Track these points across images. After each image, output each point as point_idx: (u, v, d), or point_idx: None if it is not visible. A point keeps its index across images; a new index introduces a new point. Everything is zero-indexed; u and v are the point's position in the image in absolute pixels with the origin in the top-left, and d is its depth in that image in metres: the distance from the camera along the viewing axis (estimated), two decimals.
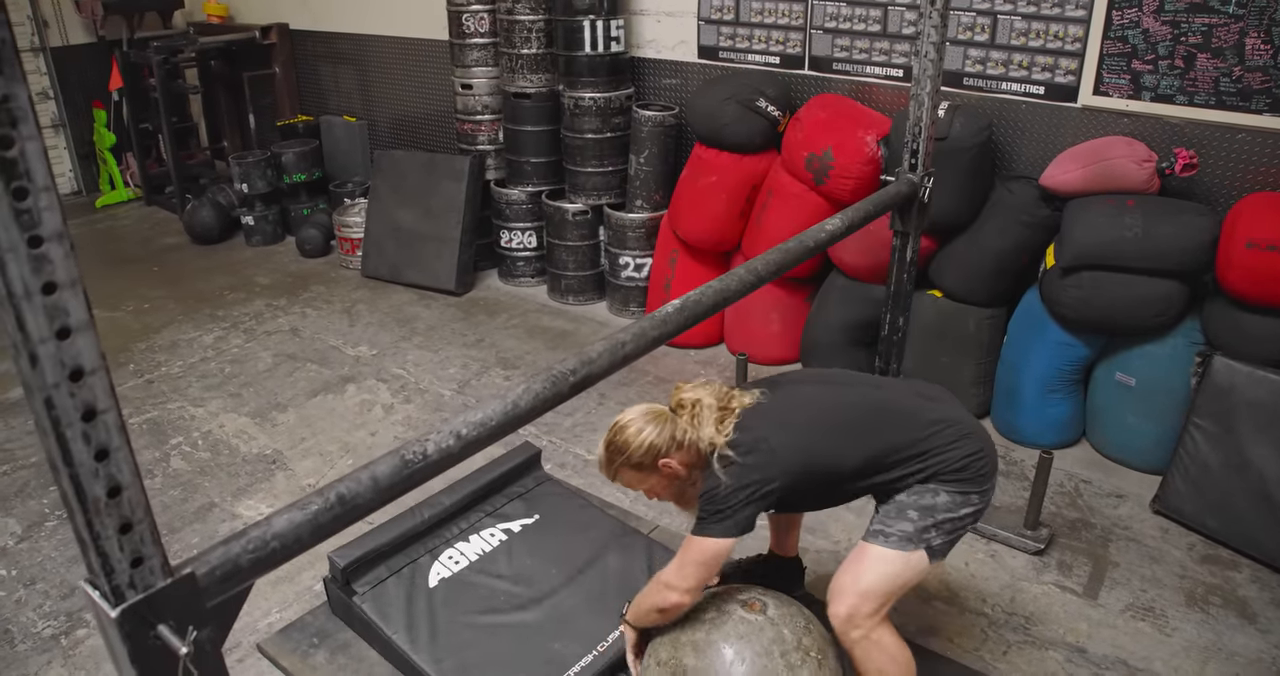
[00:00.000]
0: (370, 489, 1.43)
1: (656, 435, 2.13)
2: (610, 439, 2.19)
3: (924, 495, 2.17)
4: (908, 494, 2.18)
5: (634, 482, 2.23)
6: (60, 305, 1.01)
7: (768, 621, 2.19)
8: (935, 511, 2.16)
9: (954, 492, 2.16)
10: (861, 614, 2.13)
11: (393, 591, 2.79)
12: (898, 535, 2.16)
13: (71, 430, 1.06)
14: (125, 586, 1.16)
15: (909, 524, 2.16)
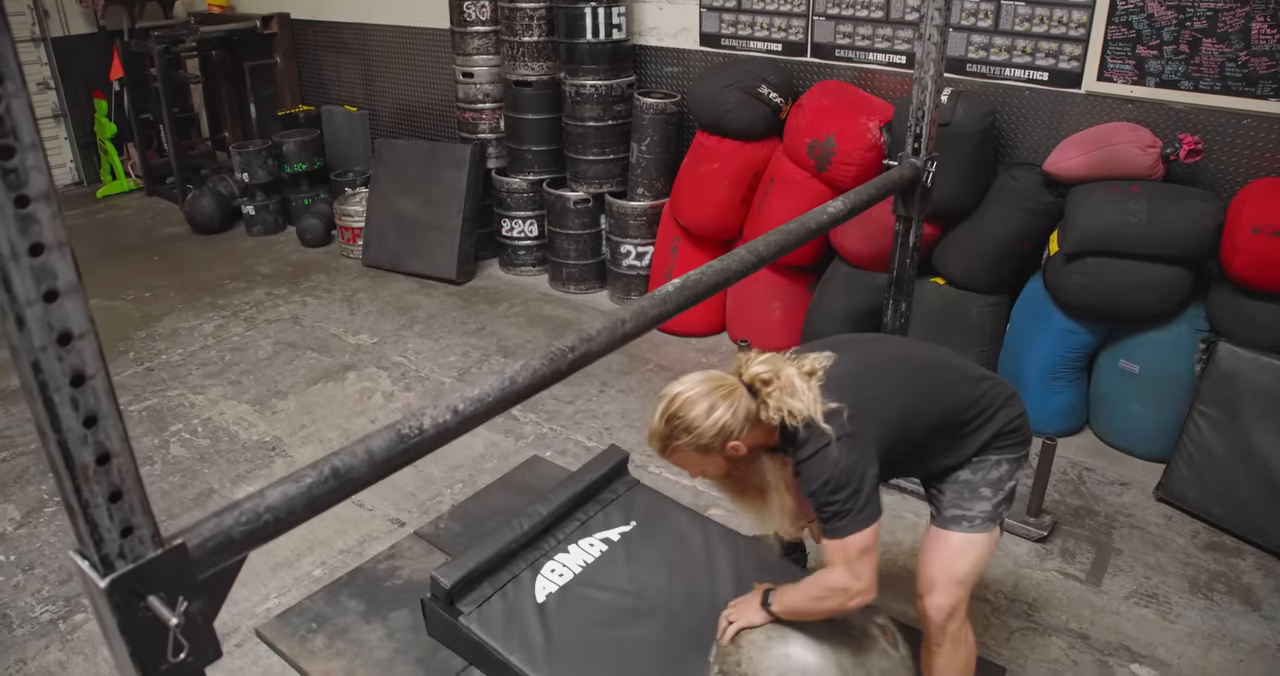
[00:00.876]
0: (365, 463, 1.41)
1: (730, 415, 1.91)
2: (673, 414, 1.94)
3: (989, 469, 2.11)
4: (972, 470, 2.12)
5: (690, 464, 2.02)
6: (48, 267, 0.99)
7: (902, 660, 2.12)
8: (1003, 484, 2.12)
9: (1010, 459, 2.13)
10: (961, 603, 2.14)
11: (499, 609, 2.67)
12: (980, 516, 2.12)
13: (59, 395, 1.04)
14: (115, 556, 1.14)
15: (986, 502, 2.12)
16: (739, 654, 2.08)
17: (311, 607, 2.93)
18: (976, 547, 2.13)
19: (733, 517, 3.32)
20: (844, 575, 1.94)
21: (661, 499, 3.18)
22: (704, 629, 2.60)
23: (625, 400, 4.10)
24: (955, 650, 2.17)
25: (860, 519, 1.90)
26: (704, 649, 2.55)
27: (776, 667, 2.02)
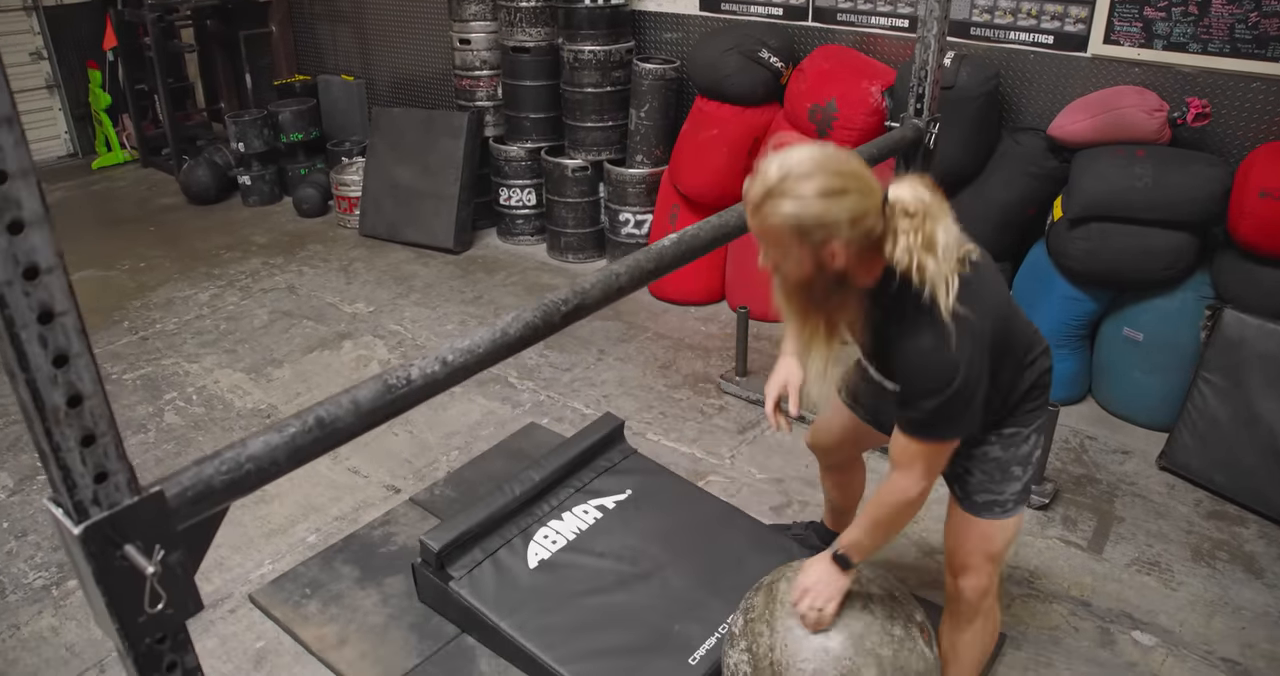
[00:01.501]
0: (351, 413, 1.37)
1: (849, 212, 1.57)
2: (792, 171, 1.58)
3: (1019, 444, 1.98)
4: (1003, 447, 1.96)
5: (772, 241, 1.65)
6: (12, 196, 0.95)
7: (936, 663, 2.07)
8: (1031, 457, 2.01)
9: (1036, 429, 1.99)
10: (995, 580, 2.10)
11: (490, 575, 2.65)
12: (1013, 499, 2.01)
13: (27, 332, 0.99)
14: (89, 502, 1.11)
15: (1017, 482, 2.00)
16: (773, 638, 1.99)
17: (306, 573, 2.91)
18: (1009, 528, 2.05)
19: (730, 485, 3.29)
20: (919, 481, 1.78)
21: (657, 467, 3.15)
22: (698, 597, 2.59)
23: (623, 368, 4.06)
24: (985, 624, 2.14)
25: (960, 428, 1.75)
26: (698, 618, 2.53)
27: (814, 660, 1.92)
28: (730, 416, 3.71)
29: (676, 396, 3.85)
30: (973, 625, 2.13)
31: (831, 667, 1.90)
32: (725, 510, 2.98)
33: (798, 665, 1.92)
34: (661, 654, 2.44)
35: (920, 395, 1.70)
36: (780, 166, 1.59)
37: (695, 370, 4.04)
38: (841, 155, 1.61)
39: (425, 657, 2.58)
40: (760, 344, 4.18)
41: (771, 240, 1.65)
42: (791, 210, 1.56)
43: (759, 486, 3.29)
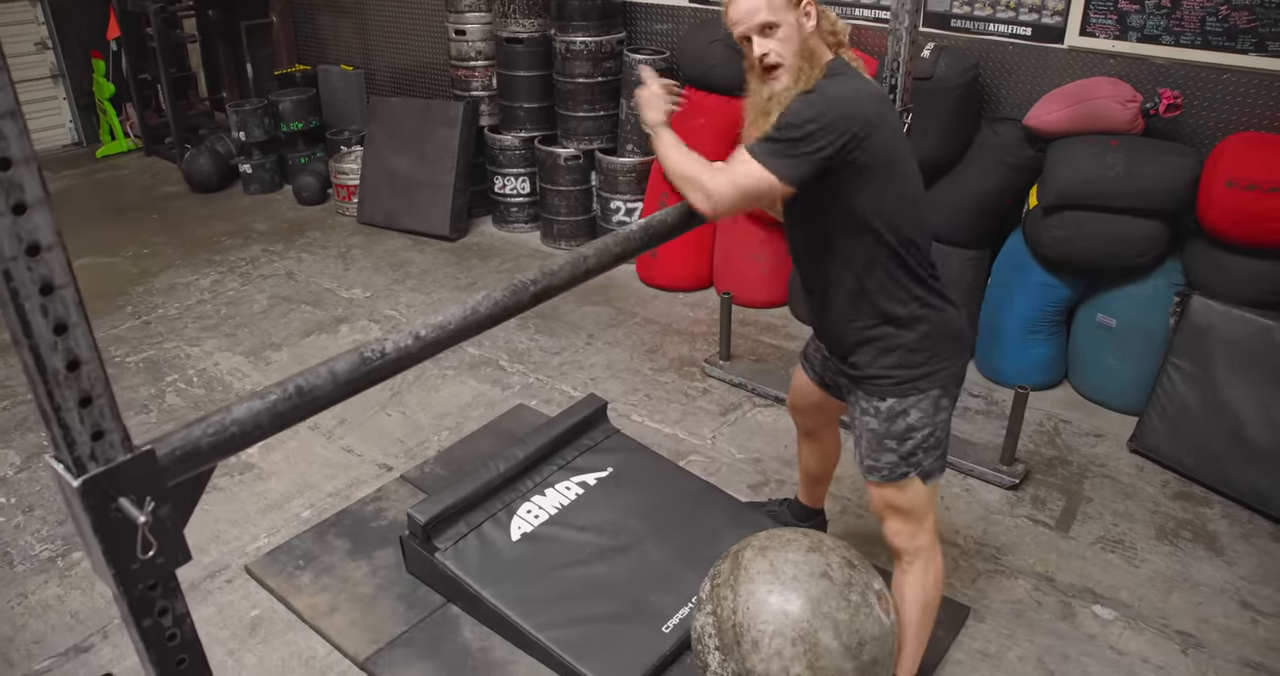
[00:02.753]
0: (329, 382, 1.48)
1: None
2: None
3: (893, 421, 2.10)
4: (878, 421, 2.11)
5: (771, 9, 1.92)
6: (15, 181, 1.05)
7: (891, 629, 2.16)
8: (909, 435, 2.11)
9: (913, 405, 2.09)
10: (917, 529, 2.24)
11: (475, 547, 2.77)
12: (888, 467, 2.15)
13: (30, 303, 1.10)
14: (86, 458, 1.22)
15: (893, 454, 2.14)
16: (735, 601, 2.10)
17: (299, 546, 3.03)
18: (904, 491, 2.18)
19: (710, 464, 3.40)
20: (723, 181, 1.91)
21: (638, 446, 3.26)
22: (674, 569, 2.70)
23: (611, 352, 4.17)
24: (925, 572, 2.25)
25: (777, 161, 1.85)
26: (672, 589, 2.65)
27: (773, 622, 2.03)
28: (713, 399, 3.81)
29: (662, 379, 3.96)
30: (910, 569, 2.26)
31: (790, 629, 2.01)
32: (703, 487, 3.09)
33: (758, 626, 2.03)
34: (637, 622, 2.56)
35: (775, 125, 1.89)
36: None
37: (681, 354, 4.15)
38: None
39: (412, 625, 2.69)
40: (744, 329, 4.28)
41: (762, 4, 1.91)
42: None
43: (738, 465, 3.39)
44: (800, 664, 1.99)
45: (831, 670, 2.01)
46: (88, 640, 2.71)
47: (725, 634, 2.07)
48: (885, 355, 2.09)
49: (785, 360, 4.08)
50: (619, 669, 2.44)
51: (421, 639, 2.65)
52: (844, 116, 1.84)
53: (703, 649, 2.14)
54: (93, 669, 2.61)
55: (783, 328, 4.38)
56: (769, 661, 2.00)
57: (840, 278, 2.06)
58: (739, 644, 2.04)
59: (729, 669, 2.06)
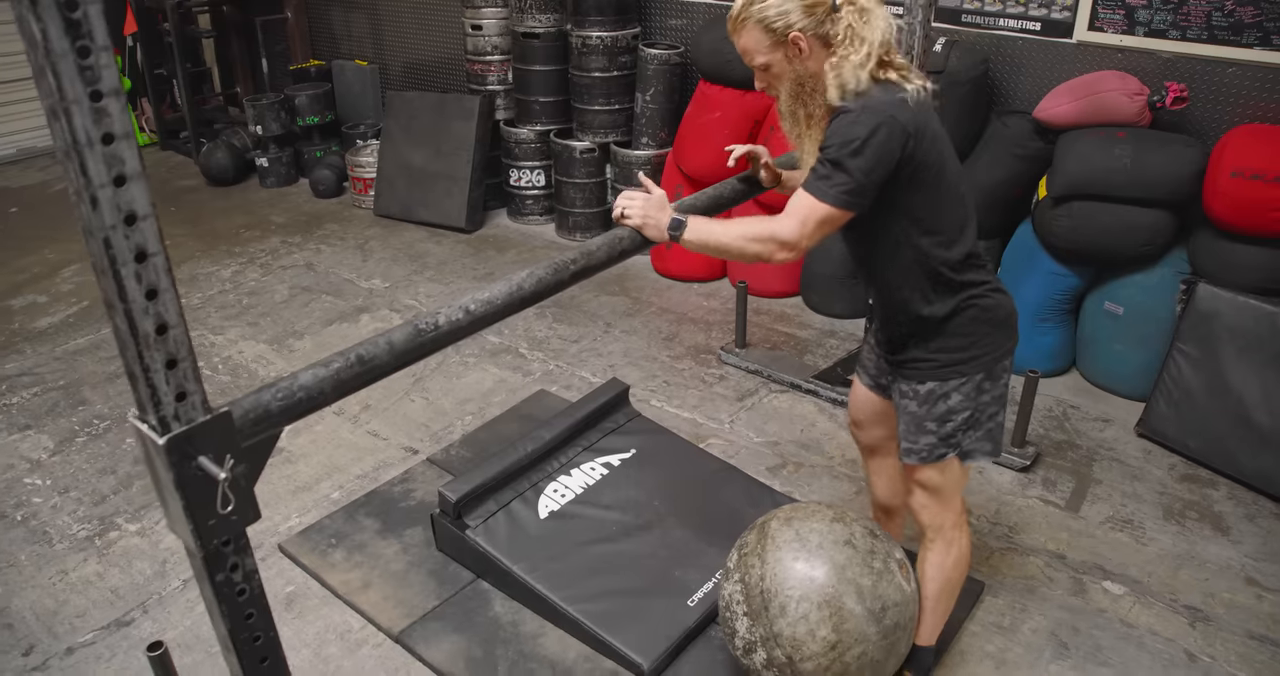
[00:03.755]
0: (387, 352, 1.57)
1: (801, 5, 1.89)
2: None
3: (934, 404, 2.14)
4: (918, 404, 2.15)
5: (753, 45, 1.96)
6: (117, 154, 1.14)
7: (911, 596, 2.23)
8: (950, 417, 2.14)
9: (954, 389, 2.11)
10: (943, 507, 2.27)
11: (504, 524, 2.86)
12: (926, 449, 2.18)
13: (126, 269, 1.19)
14: (171, 418, 1.30)
15: (932, 436, 2.16)
16: (763, 568, 2.16)
17: (331, 525, 3.11)
18: (941, 472, 2.22)
19: (729, 448, 3.49)
20: (793, 228, 1.90)
21: (660, 429, 3.35)
22: (696, 545, 2.80)
23: (628, 340, 4.26)
24: (948, 550, 2.30)
25: (845, 194, 1.86)
26: (695, 564, 2.73)
27: (800, 587, 2.10)
28: (730, 385, 3.90)
29: (679, 366, 4.04)
30: (932, 547, 2.31)
31: (816, 594, 2.10)
32: (723, 468, 3.18)
33: (786, 591, 2.11)
34: (662, 596, 2.65)
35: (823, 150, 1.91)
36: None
37: (697, 342, 4.24)
38: None
39: (443, 600, 2.78)
40: (758, 318, 4.37)
41: (752, 49, 1.97)
42: (756, 10, 1.92)
43: (756, 449, 3.48)
44: (826, 627, 2.07)
45: (856, 633, 2.09)
46: (128, 615, 2.79)
47: (753, 599, 2.15)
48: (929, 340, 2.11)
49: (799, 348, 4.16)
50: (647, 640, 2.53)
51: (453, 613, 2.73)
52: (887, 136, 1.85)
53: (731, 615, 2.22)
54: (134, 642, 2.70)
55: (796, 317, 4.47)
56: (795, 625, 2.09)
57: (892, 273, 2.08)
58: (767, 609, 2.12)
59: (757, 633, 2.14)
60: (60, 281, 4.97)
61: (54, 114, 1.09)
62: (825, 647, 2.09)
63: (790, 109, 2.04)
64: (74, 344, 4.33)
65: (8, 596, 2.87)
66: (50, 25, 1.03)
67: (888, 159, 1.86)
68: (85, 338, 4.39)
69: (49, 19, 1.02)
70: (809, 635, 2.08)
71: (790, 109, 2.04)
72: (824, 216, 1.89)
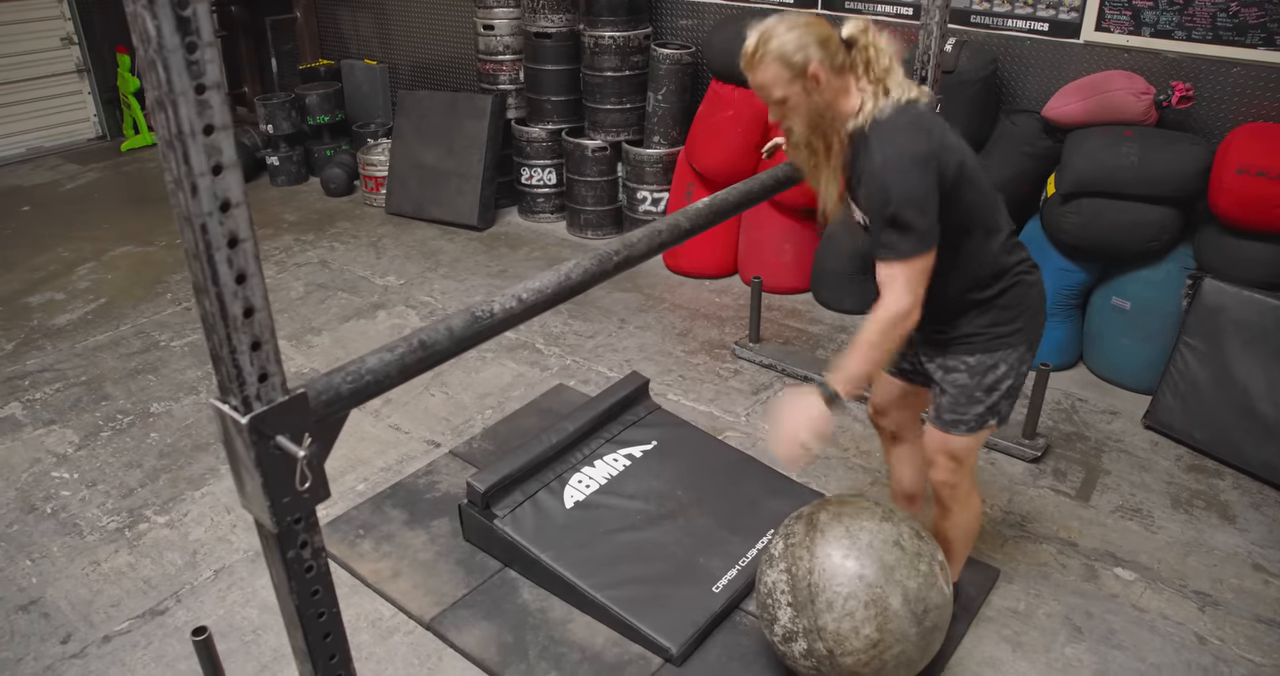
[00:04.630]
0: (447, 338, 1.63)
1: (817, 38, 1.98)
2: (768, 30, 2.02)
3: (984, 375, 2.24)
4: (969, 376, 2.25)
5: (771, 81, 2.01)
6: (216, 145, 1.20)
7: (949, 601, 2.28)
8: (998, 386, 2.26)
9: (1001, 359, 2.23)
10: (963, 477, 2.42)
11: (530, 514, 2.93)
12: (975, 420, 2.30)
13: (219, 254, 1.25)
14: (253, 398, 1.36)
15: (980, 405, 2.28)
16: (812, 562, 2.20)
17: (358, 516, 3.17)
18: (975, 440, 2.36)
19: (746, 440, 3.56)
20: (902, 295, 1.96)
21: (680, 421, 3.42)
22: (719, 534, 2.88)
23: (643, 335, 4.33)
24: (963, 512, 2.47)
25: (920, 242, 1.94)
26: (719, 552, 2.81)
27: (848, 585, 2.14)
28: (744, 379, 3.97)
29: (694, 361, 4.11)
30: (950, 512, 2.46)
31: (864, 592, 2.15)
32: (742, 459, 3.26)
33: (833, 588, 2.16)
34: (688, 583, 2.72)
35: (876, 208, 1.99)
36: (758, 30, 2.03)
37: (711, 337, 4.31)
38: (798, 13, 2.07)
39: (472, 588, 2.84)
40: (771, 314, 4.44)
41: (770, 83, 2.02)
42: (775, 46, 1.98)
43: None
44: (870, 625, 2.13)
45: (898, 633, 2.15)
46: (162, 604, 2.85)
47: (799, 591, 2.20)
48: (981, 316, 2.22)
49: (811, 343, 4.23)
50: (674, 625, 2.60)
51: (482, 600, 2.79)
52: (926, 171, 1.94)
53: (773, 603, 2.27)
54: (169, 630, 2.75)
55: (807, 312, 4.54)
56: (840, 621, 2.14)
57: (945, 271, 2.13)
58: (813, 602, 2.17)
59: (800, 624, 2.20)
60: (77, 279, 5.01)
61: (160, 105, 1.16)
62: (867, 645, 2.15)
63: (807, 140, 2.13)
64: (94, 340, 4.38)
65: (42, 586, 2.92)
66: (164, 22, 1.09)
67: (935, 192, 1.96)
68: (105, 334, 4.43)
69: (163, 16, 1.09)
70: (853, 632, 2.14)
71: (807, 140, 2.13)
72: (917, 270, 1.97)
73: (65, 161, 6.98)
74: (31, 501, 3.30)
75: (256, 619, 2.78)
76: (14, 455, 3.55)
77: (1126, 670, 2.56)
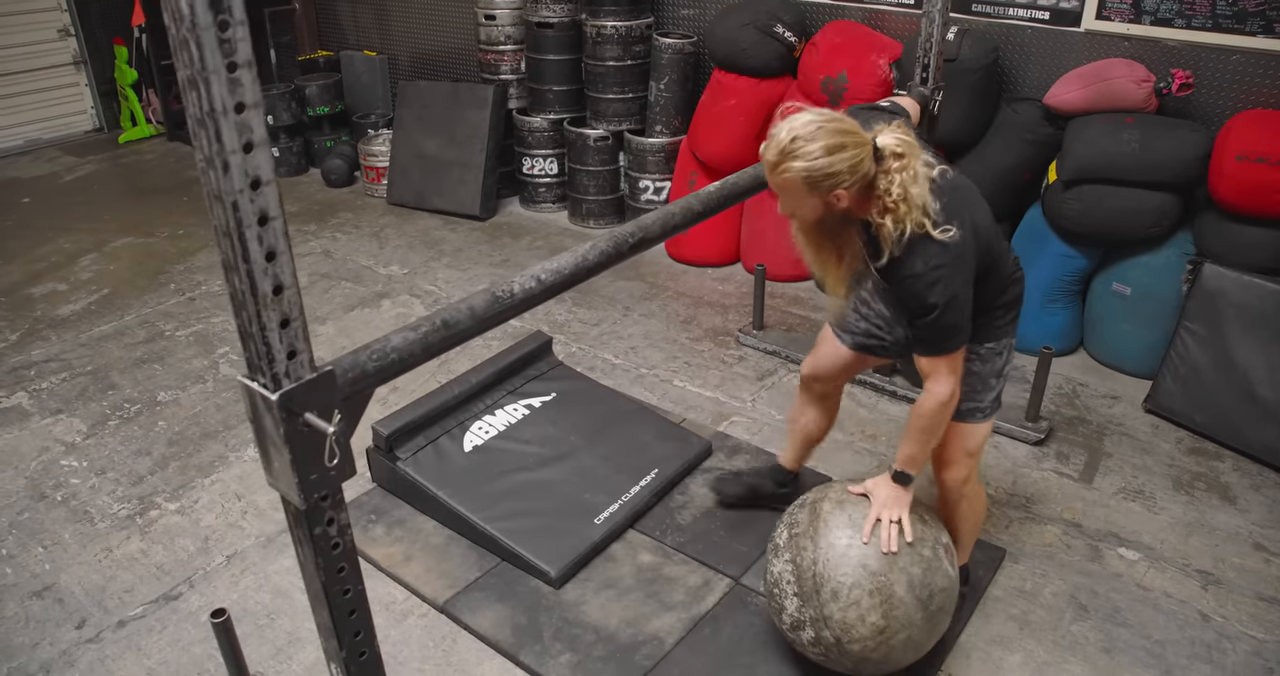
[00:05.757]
0: (468, 317, 1.65)
1: (850, 163, 1.90)
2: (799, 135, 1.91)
3: (993, 360, 2.33)
4: (982, 361, 2.32)
5: (790, 193, 1.99)
6: (247, 123, 1.22)
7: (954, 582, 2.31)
8: (1004, 370, 2.37)
9: (1008, 345, 2.35)
10: (974, 470, 2.47)
11: (432, 457, 3.15)
12: (989, 406, 2.39)
13: (250, 231, 1.27)
14: (282, 375, 1.38)
15: (993, 391, 2.37)
16: (816, 552, 2.22)
17: (369, 502, 3.19)
18: (984, 430, 2.41)
19: (752, 425, 3.58)
20: (947, 383, 2.09)
21: (581, 376, 3.67)
22: (605, 472, 3.18)
23: (647, 323, 4.35)
24: (972, 503, 2.54)
25: (958, 337, 2.05)
26: (604, 489, 3.08)
27: (852, 574, 2.17)
28: (749, 365, 4.00)
29: (699, 348, 4.14)
30: (960, 506, 2.52)
31: (868, 581, 2.17)
32: (637, 408, 3.51)
33: (838, 577, 2.18)
34: (572, 516, 2.99)
35: (918, 314, 2.03)
36: (789, 131, 1.92)
37: (715, 325, 4.33)
38: (838, 116, 1.96)
39: (485, 572, 2.87)
40: (773, 302, 4.46)
41: (788, 192, 1.99)
42: (803, 167, 1.91)
43: (778, 426, 3.58)
44: (876, 613, 2.16)
45: (904, 619, 2.18)
46: (175, 589, 2.87)
47: (805, 582, 2.22)
48: (989, 311, 2.27)
49: (815, 329, 4.25)
50: (555, 552, 2.85)
51: (495, 583, 2.82)
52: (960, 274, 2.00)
53: (780, 593, 2.30)
54: (183, 615, 2.77)
55: (809, 300, 4.57)
56: (846, 610, 2.17)
57: None
58: (818, 592, 2.19)
59: (807, 614, 2.23)
60: (79, 269, 5.02)
61: (191, 83, 1.18)
62: (874, 632, 2.17)
63: (817, 243, 2.14)
64: (98, 330, 4.39)
65: (55, 573, 2.94)
66: (197, 1, 1.10)
67: (967, 286, 2.03)
68: (109, 324, 4.44)
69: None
70: (859, 620, 2.16)
71: (817, 243, 2.14)
72: (958, 359, 2.10)
73: (63, 153, 6.98)
74: (42, 489, 3.31)
75: (270, 603, 2.80)
76: (23, 444, 3.57)
77: (1132, 647, 2.60)
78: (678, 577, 2.83)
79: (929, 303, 1.98)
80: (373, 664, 1.73)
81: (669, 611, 2.70)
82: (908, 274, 1.99)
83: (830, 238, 2.11)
